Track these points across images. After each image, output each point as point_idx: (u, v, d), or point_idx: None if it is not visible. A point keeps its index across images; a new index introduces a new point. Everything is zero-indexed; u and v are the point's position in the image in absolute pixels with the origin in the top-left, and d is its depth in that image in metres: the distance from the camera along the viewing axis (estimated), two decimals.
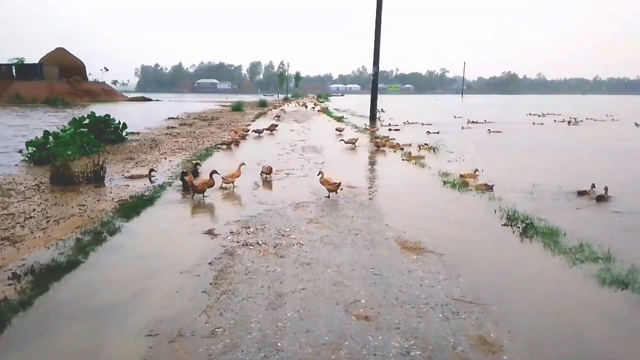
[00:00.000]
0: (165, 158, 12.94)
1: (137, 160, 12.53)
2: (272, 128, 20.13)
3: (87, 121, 16.41)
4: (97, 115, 16.91)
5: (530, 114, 37.89)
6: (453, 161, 12.88)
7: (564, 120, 29.54)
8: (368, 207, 7.63)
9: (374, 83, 30.31)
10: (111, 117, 17.19)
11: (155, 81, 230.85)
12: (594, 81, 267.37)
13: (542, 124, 27.82)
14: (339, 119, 30.18)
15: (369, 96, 31.79)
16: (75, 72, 75.25)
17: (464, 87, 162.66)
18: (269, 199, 8.12)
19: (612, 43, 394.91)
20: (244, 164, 9.66)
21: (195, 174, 9.59)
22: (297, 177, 10.31)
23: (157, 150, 14.68)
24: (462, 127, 24.32)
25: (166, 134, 19.92)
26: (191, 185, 8.20)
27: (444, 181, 9.68)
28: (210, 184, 8.23)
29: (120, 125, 17.28)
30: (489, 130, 22.50)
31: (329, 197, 8.29)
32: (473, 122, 27.95)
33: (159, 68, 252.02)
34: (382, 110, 34.09)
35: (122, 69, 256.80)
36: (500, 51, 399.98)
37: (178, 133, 20.20)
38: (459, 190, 9.04)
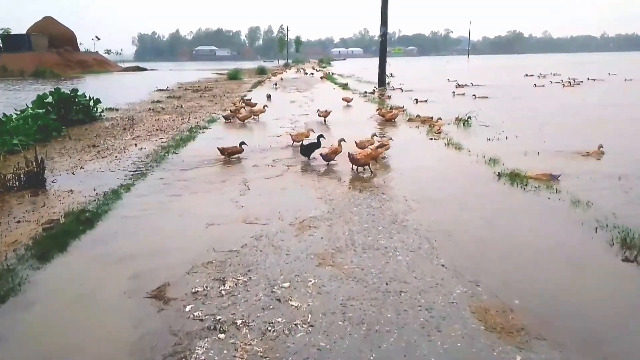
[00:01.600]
0: (136, 145, 10.46)
1: (101, 149, 10.08)
2: (243, 116, 13.61)
3: (50, 99, 13.91)
4: (73, 91, 14.40)
5: (527, 74, 35.26)
6: (493, 139, 10.34)
7: (561, 82, 26.83)
8: (405, 226, 5.19)
9: (383, 45, 27.35)
10: (81, 94, 14.63)
11: (153, 50, 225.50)
12: (601, 38, 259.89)
13: (544, 86, 25.16)
14: (344, 86, 27.43)
15: (373, 60, 29.57)
16: (66, 42, 71.92)
17: (469, 48, 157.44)
18: (259, 212, 5.69)
19: None
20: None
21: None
22: (299, 170, 7.87)
23: (131, 132, 12.18)
24: (453, 93, 21.36)
25: (149, 109, 17.36)
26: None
27: (498, 174, 7.20)
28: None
29: (92, 103, 14.73)
30: (474, 95, 19.95)
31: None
32: (462, 85, 25.92)
33: (156, 36, 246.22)
34: (392, 75, 31.20)
35: (118, 39, 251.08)
36: (505, 9, 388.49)
37: (162, 108, 17.63)
38: (518, 185, 6.61)
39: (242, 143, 8.91)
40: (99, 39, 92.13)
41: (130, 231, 5.22)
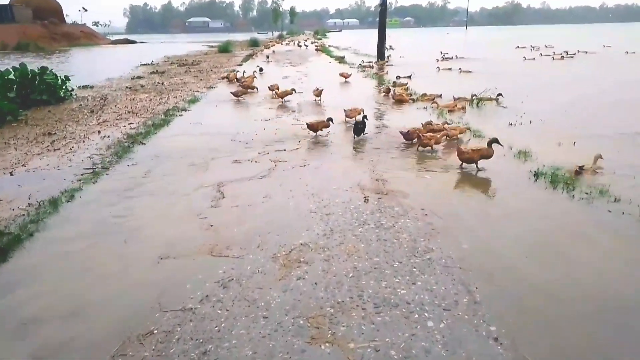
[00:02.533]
0: (100, 132, 8.94)
1: (57, 137, 8.56)
2: (239, 92, 12.62)
3: (12, 76, 12.30)
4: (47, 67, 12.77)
5: (519, 46, 34.03)
6: (516, 124, 8.89)
7: (552, 54, 25.64)
8: (429, 260, 3.78)
9: (382, 15, 25.54)
10: (47, 70, 12.98)
11: (145, 22, 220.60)
12: (600, 9, 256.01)
13: (534, 59, 23.81)
14: (341, 60, 25.72)
15: (369, 31, 28.62)
16: (51, 13, 69.01)
17: (466, 19, 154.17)
18: (232, 236, 4.28)
19: None
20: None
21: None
22: (288, 168, 6.43)
23: (98, 116, 10.64)
24: (438, 69, 19.57)
25: (127, 87, 15.72)
26: None
27: (535, 174, 5.78)
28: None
29: (59, 81, 13.09)
30: (460, 69, 18.67)
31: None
32: (448, 58, 25.14)
33: (148, 7, 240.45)
34: (391, 48, 29.40)
35: (109, 10, 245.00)
36: None
37: (142, 86, 15.99)
38: (563, 190, 5.21)
39: (330, 119, 8.27)
40: (86, 11, 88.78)
41: (52, 268, 3.80)
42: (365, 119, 8.25)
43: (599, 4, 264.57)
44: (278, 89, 12.64)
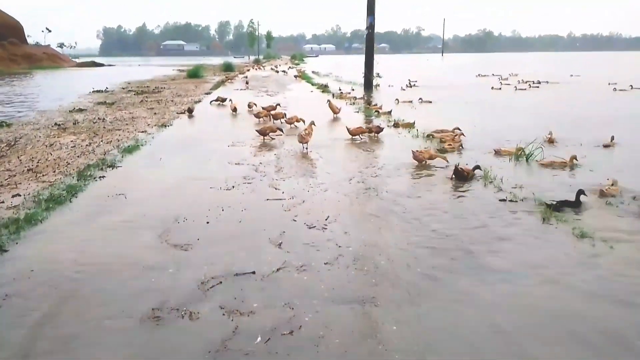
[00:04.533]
0: None
1: None
2: (267, 129, 9.78)
3: None
4: None
5: (480, 75, 32.97)
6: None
7: (518, 83, 25.10)
8: None
9: (369, 38, 22.71)
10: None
11: (119, 44, 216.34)
12: (568, 38, 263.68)
13: (500, 88, 22.81)
14: (324, 88, 22.70)
15: (346, 57, 25.37)
16: (11, 33, 64.81)
17: (442, 46, 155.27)
18: None
19: None
20: None
21: None
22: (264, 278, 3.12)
23: None
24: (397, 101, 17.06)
25: (56, 124, 12.24)
26: None
27: None
28: None
29: None
30: (420, 99, 17.09)
31: None
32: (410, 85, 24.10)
33: (122, 30, 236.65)
34: (379, 76, 26.59)
35: (82, 32, 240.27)
36: (475, 7, 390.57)
37: (75, 123, 12.52)
38: None
39: (477, 167, 6.91)
40: (49, 31, 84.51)
41: None
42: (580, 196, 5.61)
43: (567, 32, 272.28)
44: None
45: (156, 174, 7.22)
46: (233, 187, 6.42)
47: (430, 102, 16.93)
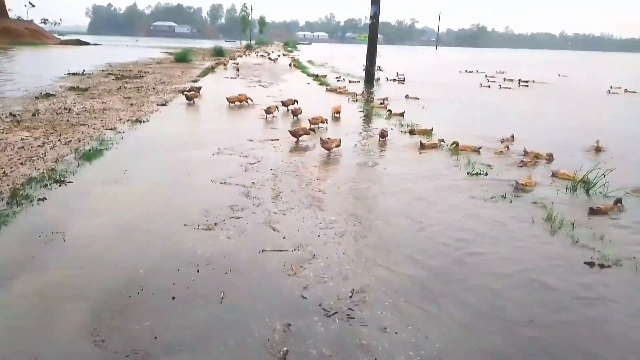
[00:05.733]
0: None
1: None
2: (299, 131, 8.77)
3: None
4: None
5: (466, 70, 32.14)
6: None
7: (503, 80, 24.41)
8: None
9: (373, 29, 21.04)
10: None
11: (109, 23, 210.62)
12: (560, 37, 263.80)
13: (489, 86, 21.85)
14: (321, 80, 20.93)
15: (339, 46, 24.37)
16: None
17: (437, 40, 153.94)
18: None
19: None
20: None
21: None
22: None
23: None
24: (407, 96, 16.17)
25: (10, 115, 10.34)
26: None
27: None
28: None
29: None
30: (406, 96, 16.15)
31: None
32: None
33: (112, 8, 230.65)
34: (380, 69, 24.87)
35: (71, 8, 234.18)
36: (470, 1, 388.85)
37: (35, 113, 10.63)
38: None
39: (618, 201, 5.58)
40: (33, 6, 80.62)
41: None
42: None
43: (559, 31, 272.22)
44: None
45: (115, 196, 5.49)
46: (215, 224, 4.73)
47: (417, 98, 15.81)
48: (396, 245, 4.41)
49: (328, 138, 7.98)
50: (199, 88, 14.25)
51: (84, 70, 21.26)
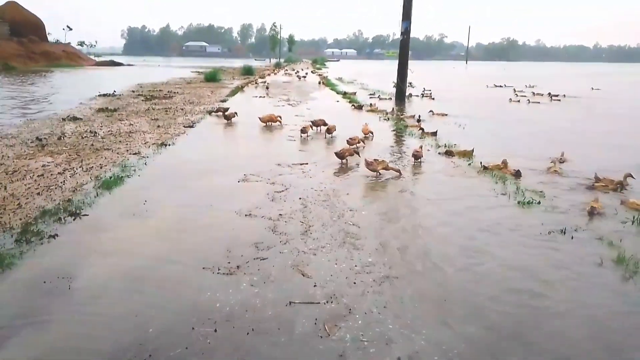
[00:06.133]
0: None
1: None
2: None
3: None
4: None
5: (495, 85, 31.35)
6: None
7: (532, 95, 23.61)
8: None
9: (404, 45, 20.52)
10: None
11: (143, 44, 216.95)
12: (593, 49, 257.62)
13: (519, 101, 21.14)
14: (351, 98, 20.45)
15: (367, 62, 24.41)
16: (31, 30, 63.97)
17: (465, 54, 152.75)
18: None
19: (612, 8, 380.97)
20: None
21: None
22: None
23: None
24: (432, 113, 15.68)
25: (36, 139, 10.17)
26: None
27: None
28: None
29: None
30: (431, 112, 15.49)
31: None
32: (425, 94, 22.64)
33: (146, 30, 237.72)
34: (411, 85, 24.28)
35: (107, 30, 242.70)
36: (499, 16, 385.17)
37: (61, 137, 10.44)
38: None
39: None
40: (70, 29, 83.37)
41: None
42: None
43: (593, 44, 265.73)
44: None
45: (131, 232, 5.05)
46: (238, 267, 4.21)
47: (446, 114, 15.38)
48: (447, 296, 3.79)
49: (375, 159, 7.54)
50: (227, 109, 13.96)
51: (114, 92, 21.39)
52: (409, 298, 3.75)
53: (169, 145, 9.74)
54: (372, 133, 10.89)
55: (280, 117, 12.70)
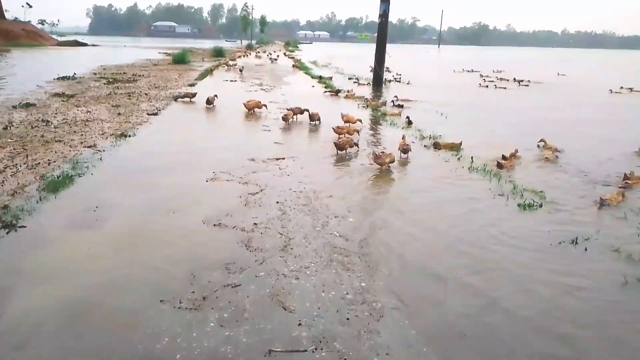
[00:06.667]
0: None
1: None
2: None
3: None
4: None
5: (463, 70, 31.47)
6: None
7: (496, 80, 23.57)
8: None
9: (382, 28, 19.72)
10: None
11: (110, 23, 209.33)
12: (562, 34, 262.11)
13: (487, 86, 21.21)
14: (327, 83, 19.64)
15: (340, 45, 23.53)
16: None
17: (437, 38, 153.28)
18: None
19: None
20: None
21: None
22: None
23: None
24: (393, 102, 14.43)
25: None
26: None
27: None
28: None
29: None
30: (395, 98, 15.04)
31: None
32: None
33: (112, 9, 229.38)
34: (388, 70, 23.58)
35: (71, 9, 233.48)
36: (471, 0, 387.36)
37: (8, 125, 9.37)
38: None
39: None
40: (30, 7, 79.51)
41: None
42: None
43: (561, 29, 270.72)
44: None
45: (77, 250, 4.22)
46: (204, 298, 3.46)
47: (409, 100, 14.85)
48: (461, 337, 3.14)
49: (382, 152, 6.97)
50: (194, 94, 12.97)
51: (74, 74, 19.96)
52: (414, 339, 3.08)
53: (130, 136, 8.81)
54: (360, 121, 10.19)
55: (265, 105, 11.89)
